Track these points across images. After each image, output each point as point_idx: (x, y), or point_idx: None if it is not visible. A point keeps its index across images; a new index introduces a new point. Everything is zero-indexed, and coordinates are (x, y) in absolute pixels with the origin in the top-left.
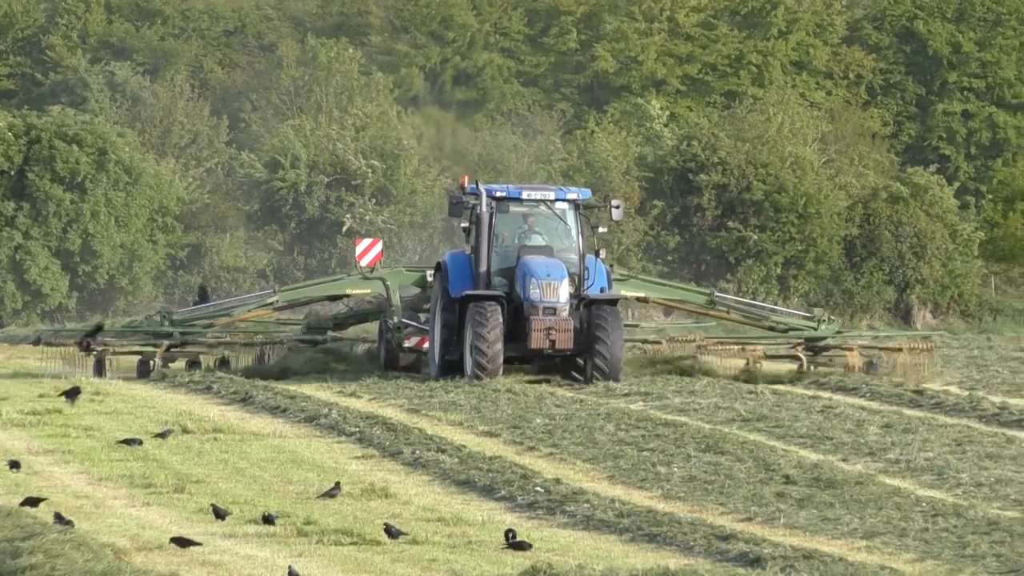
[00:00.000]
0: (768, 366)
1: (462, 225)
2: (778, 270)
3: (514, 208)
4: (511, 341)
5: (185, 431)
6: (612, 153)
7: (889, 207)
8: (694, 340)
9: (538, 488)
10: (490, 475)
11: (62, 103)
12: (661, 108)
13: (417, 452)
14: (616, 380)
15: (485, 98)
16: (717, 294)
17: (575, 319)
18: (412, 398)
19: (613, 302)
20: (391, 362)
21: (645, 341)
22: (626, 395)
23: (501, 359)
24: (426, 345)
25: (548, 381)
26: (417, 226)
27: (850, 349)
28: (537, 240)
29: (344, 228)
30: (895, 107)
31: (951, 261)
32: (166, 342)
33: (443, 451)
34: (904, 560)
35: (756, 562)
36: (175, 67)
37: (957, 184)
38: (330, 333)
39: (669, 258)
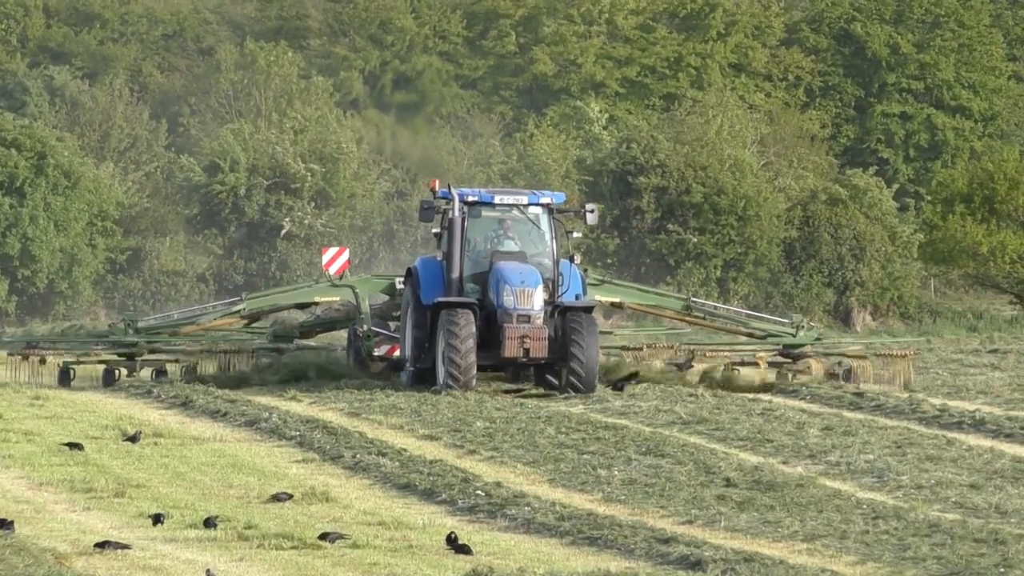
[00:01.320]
0: (744, 373)
1: (433, 230)
2: (718, 272)
3: (487, 213)
4: (484, 349)
5: (125, 436)
6: (551, 156)
7: (828, 209)
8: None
9: (479, 491)
10: (431, 478)
11: (1, 107)
12: (600, 111)
13: (358, 456)
14: (592, 390)
15: (424, 101)
16: (694, 299)
17: (550, 327)
18: (352, 402)
19: (589, 309)
20: (361, 370)
21: (625, 348)
22: (566, 398)
23: (474, 369)
24: (396, 354)
25: (520, 391)
26: (357, 230)
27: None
28: (510, 245)
29: (283, 232)
30: (834, 109)
31: (890, 263)
32: (119, 351)
33: (384, 455)
34: (845, 562)
35: (697, 565)
36: (114, 71)
37: (896, 186)
38: (296, 342)
39: (609, 261)
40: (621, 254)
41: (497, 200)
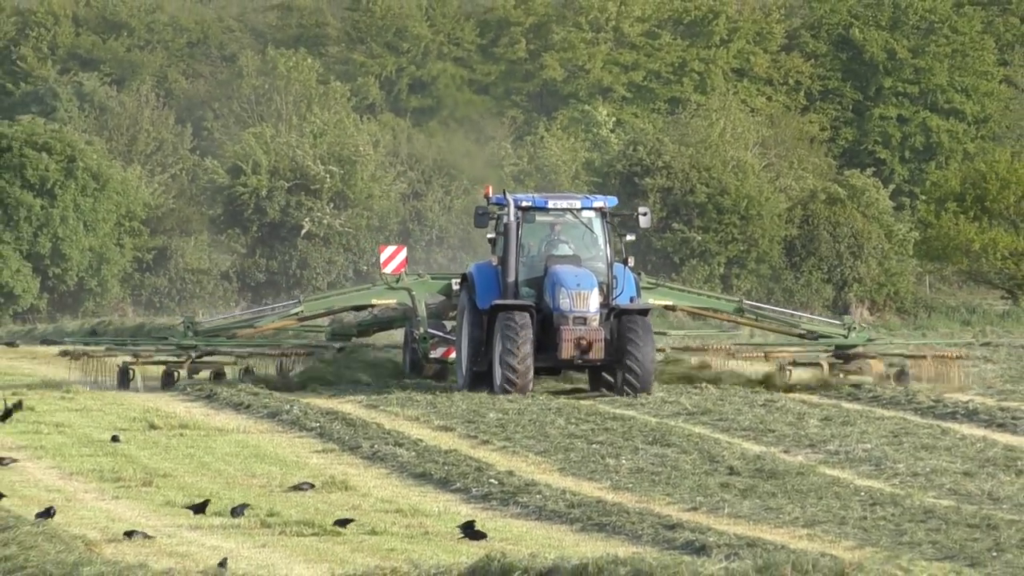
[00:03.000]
0: (796, 374)
1: (488, 236)
2: (721, 269)
3: (540, 217)
4: (540, 352)
5: (152, 427)
6: (561, 158)
7: (827, 209)
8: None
9: (492, 480)
10: (446, 468)
11: (32, 112)
12: (607, 114)
13: (375, 446)
14: (648, 392)
15: (439, 105)
16: (746, 302)
17: (605, 329)
18: (370, 394)
19: (644, 312)
20: (416, 372)
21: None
22: (575, 390)
23: (532, 372)
24: (452, 356)
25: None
26: (374, 229)
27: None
28: (564, 249)
29: (303, 231)
30: (832, 112)
31: (887, 260)
32: (191, 354)
33: (400, 445)
34: (844, 547)
35: (701, 550)
36: (141, 77)
37: (892, 186)
38: (354, 340)
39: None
40: (627, 252)
41: (551, 205)
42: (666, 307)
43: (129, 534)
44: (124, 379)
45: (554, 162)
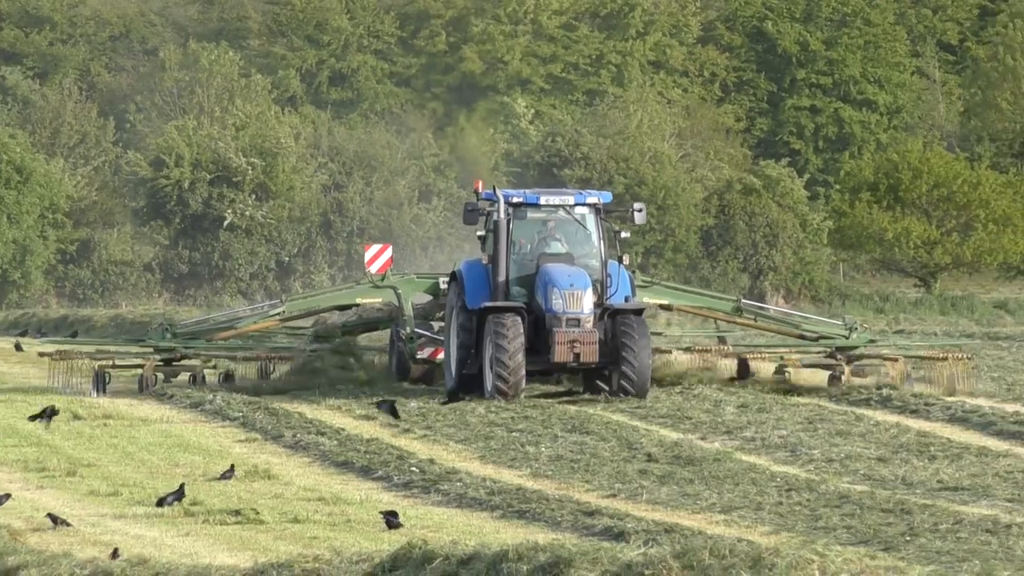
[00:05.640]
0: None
1: (478, 233)
2: (639, 259)
3: (532, 214)
4: (532, 354)
5: (76, 417)
6: (481, 149)
7: (743, 198)
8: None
9: (413, 468)
10: (367, 456)
11: None
12: (526, 106)
13: (298, 435)
14: (644, 395)
15: (359, 98)
16: (744, 301)
17: (599, 330)
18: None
19: (639, 312)
20: (402, 373)
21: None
22: (569, 392)
23: (524, 376)
24: (440, 356)
25: (571, 392)
26: (296, 220)
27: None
28: (557, 247)
29: (226, 223)
30: (747, 103)
31: (802, 249)
32: (154, 357)
33: (322, 434)
34: (760, 532)
35: (620, 536)
36: (64, 71)
37: (807, 176)
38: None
39: None
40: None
41: (543, 201)
42: (662, 306)
43: (53, 518)
44: (100, 383)
45: (474, 153)
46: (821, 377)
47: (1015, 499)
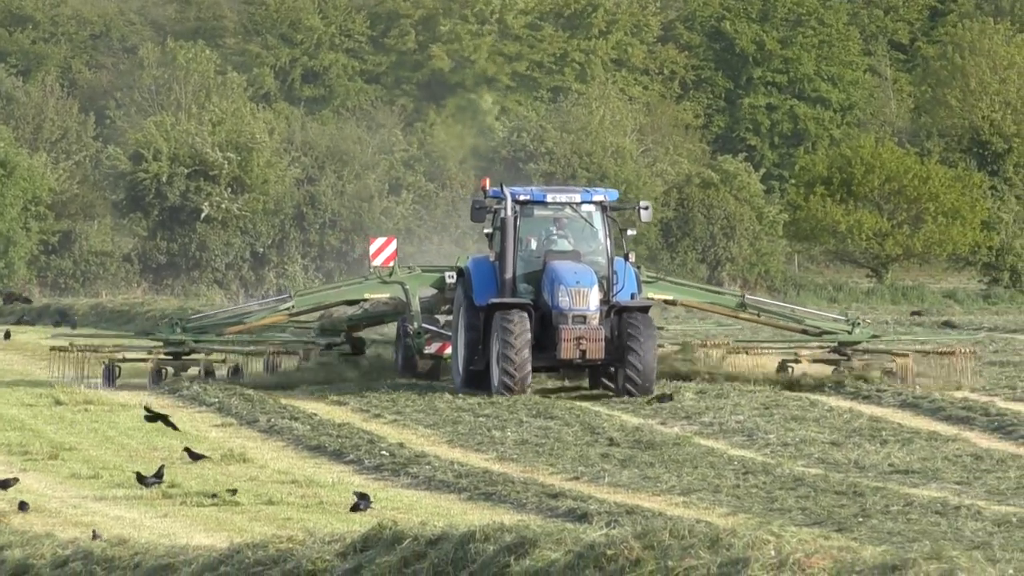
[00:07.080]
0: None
1: (485, 231)
2: None
3: (539, 212)
4: (539, 351)
5: (58, 403)
6: (449, 144)
7: (701, 192)
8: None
9: (384, 452)
10: (339, 440)
11: None
12: (493, 103)
13: (272, 420)
14: (649, 392)
15: (331, 94)
16: (748, 297)
17: (605, 327)
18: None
19: (645, 309)
20: (408, 368)
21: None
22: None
23: (530, 372)
24: (447, 351)
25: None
26: (270, 212)
27: (905, 355)
28: (563, 244)
29: (202, 215)
30: (705, 101)
31: (758, 241)
32: (157, 351)
33: (296, 419)
34: (718, 514)
35: (583, 517)
36: (46, 68)
37: (763, 171)
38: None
39: None
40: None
41: (549, 199)
42: (666, 302)
43: (23, 505)
44: (110, 376)
45: (442, 148)
46: (826, 372)
47: (963, 482)
